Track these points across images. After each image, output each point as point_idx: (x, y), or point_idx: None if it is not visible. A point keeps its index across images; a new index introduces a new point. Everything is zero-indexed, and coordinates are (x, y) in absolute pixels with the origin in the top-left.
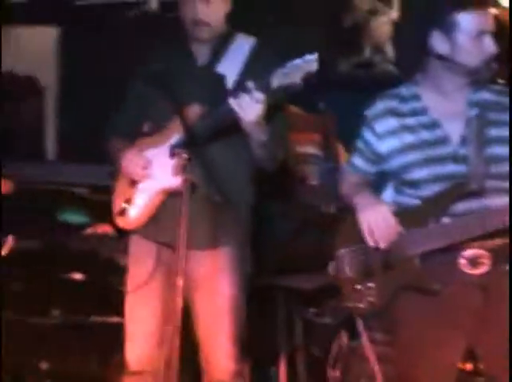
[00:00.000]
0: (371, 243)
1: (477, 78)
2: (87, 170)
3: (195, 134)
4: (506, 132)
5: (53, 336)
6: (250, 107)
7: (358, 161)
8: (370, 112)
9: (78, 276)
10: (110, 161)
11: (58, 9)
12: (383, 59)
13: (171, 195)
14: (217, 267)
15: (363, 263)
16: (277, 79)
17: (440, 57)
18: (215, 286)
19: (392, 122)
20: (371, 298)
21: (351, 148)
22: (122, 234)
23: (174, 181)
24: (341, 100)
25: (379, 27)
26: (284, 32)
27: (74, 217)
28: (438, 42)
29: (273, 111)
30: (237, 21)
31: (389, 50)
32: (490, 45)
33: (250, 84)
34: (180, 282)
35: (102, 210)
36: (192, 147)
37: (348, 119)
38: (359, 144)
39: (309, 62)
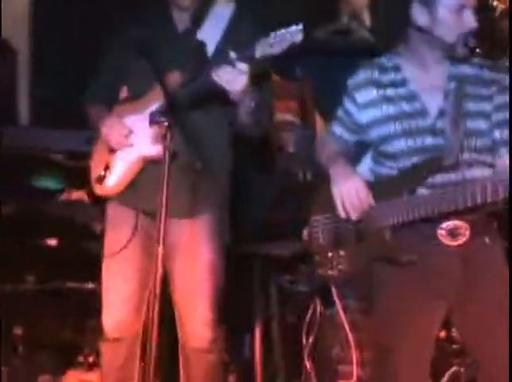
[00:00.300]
0: (342, 214)
1: (455, 52)
2: (62, 136)
3: (175, 102)
4: (484, 106)
5: (28, 302)
6: (234, 79)
7: (338, 129)
8: (351, 82)
9: (52, 242)
10: (88, 127)
11: None
12: (360, 26)
13: (150, 163)
14: (196, 235)
15: (335, 231)
16: (262, 49)
17: (420, 30)
18: (194, 253)
19: (372, 93)
20: (342, 266)
21: (327, 114)
22: (98, 201)
23: (154, 149)
24: (318, 67)
25: None
26: None
27: (49, 183)
28: (418, 14)
29: (260, 79)
30: None
31: (366, 17)
32: (469, 20)
33: (233, 55)
34: (160, 250)
35: (78, 176)
36: (173, 114)
37: (325, 86)
38: (340, 113)
39: (294, 33)
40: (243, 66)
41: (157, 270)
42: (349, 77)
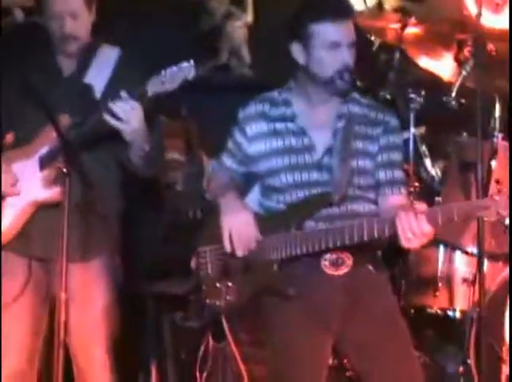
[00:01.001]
0: (228, 248)
1: (332, 89)
2: None
3: (67, 144)
4: (370, 146)
5: None
6: (126, 116)
7: (228, 160)
8: (242, 114)
9: None
10: None
11: None
12: (240, 62)
13: (40, 207)
14: (88, 279)
15: (224, 262)
16: (154, 87)
17: (301, 67)
18: (88, 298)
19: (262, 126)
20: (230, 296)
21: (211, 151)
22: None
23: (45, 193)
24: (200, 104)
25: (235, 31)
26: (143, 37)
27: None
28: (297, 53)
29: (150, 118)
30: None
31: (245, 53)
32: (343, 57)
33: (123, 93)
34: (63, 296)
35: None
36: (66, 157)
37: (208, 122)
38: (230, 144)
39: (186, 69)
40: (134, 103)
41: (60, 315)
42: (233, 111)
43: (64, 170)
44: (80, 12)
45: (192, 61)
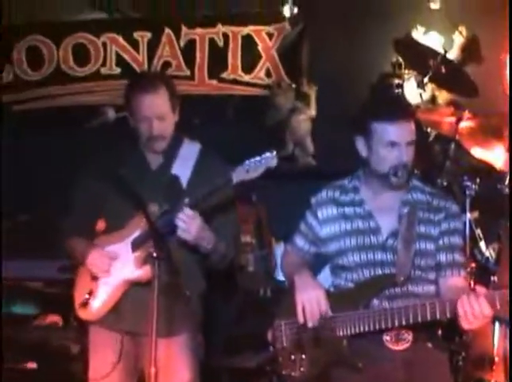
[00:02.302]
0: (301, 320)
1: (387, 183)
2: (37, 265)
3: (155, 231)
4: (432, 230)
5: None
6: (187, 225)
7: (300, 242)
8: (314, 199)
9: (32, 365)
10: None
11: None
12: (304, 152)
13: (131, 286)
14: (173, 354)
15: (298, 336)
16: (239, 175)
17: (364, 160)
18: (173, 372)
19: (332, 210)
20: (303, 368)
21: (278, 234)
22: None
23: (137, 273)
24: (269, 191)
25: (299, 124)
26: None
27: (25, 309)
28: (360, 146)
29: (227, 209)
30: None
31: (309, 144)
32: (399, 156)
33: (185, 202)
34: (152, 370)
35: (54, 302)
36: (154, 243)
37: (275, 208)
38: (302, 226)
39: (269, 158)
40: (192, 213)
41: None
42: (299, 197)
43: (154, 254)
44: (166, 114)
45: (274, 152)
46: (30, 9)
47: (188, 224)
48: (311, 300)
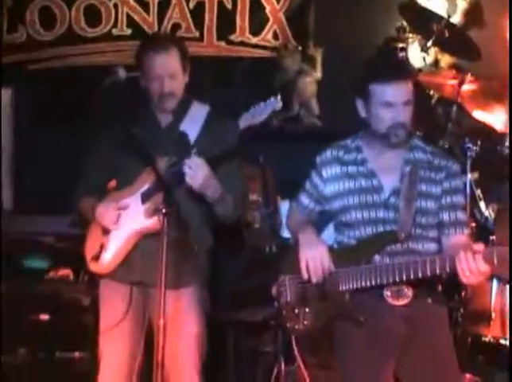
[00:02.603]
0: (305, 276)
1: (386, 142)
2: (49, 220)
3: (164, 185)
4: (433, 188)
5: (20, 373)
6: (193, 172)
7: (305, 200)
8: (319, 159)
9: (44, 316)
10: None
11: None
12: (309, 113)
13: (141, 238)
14: (181, 306)
15: (302, 290)
16: (245, 121)
17: (364, 120)
18: (181, 324)
19: (336, 169)
20: (307, 321)
21: (284, 193)
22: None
23: (147, 223)
24: (275, 151)
25: (306, 86)
26: (220, 93)
27: (37, 263)
28: (360, 107)
29: (231, 160)
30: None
31: (314, 106)
32: (395, 116)
33: (193, 151)
34: (161, 322)
35: (65, 256)
36: (163, 198)
37: (282, 167)
38: (307, 185)
39: (273, 103)
40: (199, 161)
41: (159, 340)
42: (304, 157)
43: (163, 210)
44: (177, 73)
45: (278, 96)
46: None
47: (195, 170)
48: (314, 256)
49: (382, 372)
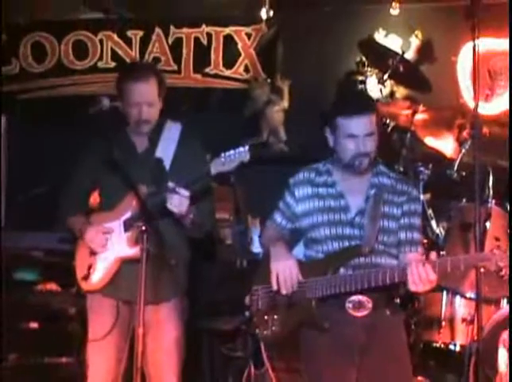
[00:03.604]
0: (275, 287)
1: (351, 170)
2: (39, 236)
3: (146, 210)
4: (395, 210)
5: (12, 376)
6: (179, 204)
7: (279, 218)
8: (292, 180)
9: (34, 325)
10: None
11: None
12: (277, 140)
13: (126, 261)
14: (161, 317)
15: (272, 299)
16: (217, 167)
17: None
18: (160, 333)
19: (308, 190)
20: (275, 327)
21: (254, 212)
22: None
23: (130, 251)
24: (245, 174)
25: (274, 114)
26: (196, 120)
27: (28, 276)
28: (328, 136)
29: (202, 195)
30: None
31: (282, 133)
32: (357, 146)
33: (175, 186)
34: (140, 331)
35: (52, 270)
36: (146, 220)
37: (251, 188)
38: (281, 204)
39: (243, 153)
40: (185, 192)
41: (139, 347)
42: (272, 180)
43: (143, 228)
44: (155, 101)
45: (247, 147)
46: (31, 9)
47: (181, 201)
48: (284, 269)
49: (345, 378)
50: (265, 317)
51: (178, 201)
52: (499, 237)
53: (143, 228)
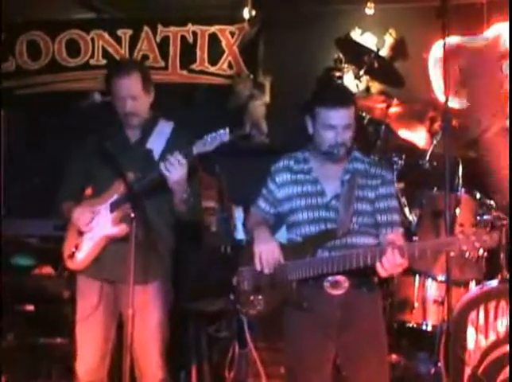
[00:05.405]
0: (258, 268)
1: (328, 158)
2: (35, 224)
3: (132, 195)
4: (369, 193)
5: (9, 355)
6: (175, 169)
7: (262, 204)
8: (273, 167)
9: (30, 307)
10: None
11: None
12: (259, 132)
13: (110, 241)
14: (147, 298)
15: (256, 280)
16: (198, 148)
17: (311, 136)
18: (147, 313)
19: (287, 176)
20: (259, 306)
21: (237, 200)
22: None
23: (114, 230)
24: (229, 164)
25: (256, 108)
26: (183, 114)
27: (24, 261)
28: (309, 125)
29: (191, 174)
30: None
31: (263, 126)
32: (335, 136)
33: (175, 151)
34: (130, 312)
35: (47, 255)
36: (131, 205)
37: (235, 178)
38: (264, 191)
39: (223, 135)
40: (182, 159)
41: (129, 328)
42: (254, 170)
43: (132, 215)
44: (138, 95)
45: (227, 129)
46: (27, 9)
47: (176, 166)
48: (267, 250)
49: (323, 352)
50: (251, 297)
51: (173, 166)
52: (463, 223)
53: (132, 214)
